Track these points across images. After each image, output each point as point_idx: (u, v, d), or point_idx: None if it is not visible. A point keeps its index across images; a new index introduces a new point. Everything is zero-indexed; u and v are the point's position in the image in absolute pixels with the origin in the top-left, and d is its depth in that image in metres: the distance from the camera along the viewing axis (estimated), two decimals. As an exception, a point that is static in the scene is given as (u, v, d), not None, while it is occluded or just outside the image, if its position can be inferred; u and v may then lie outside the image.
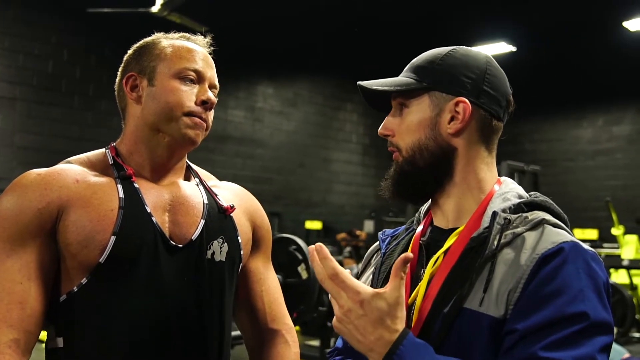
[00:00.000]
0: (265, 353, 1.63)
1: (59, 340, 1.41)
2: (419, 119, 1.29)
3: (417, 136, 1.28)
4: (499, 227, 1.19)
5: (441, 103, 1.28)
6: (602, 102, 13.31)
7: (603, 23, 10.55)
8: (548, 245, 1.14)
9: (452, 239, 1.26)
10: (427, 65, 1.31)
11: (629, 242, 9.38)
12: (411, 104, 1.30)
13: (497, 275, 1.15)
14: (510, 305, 1.11)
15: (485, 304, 1.14)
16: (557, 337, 1.05)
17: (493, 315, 1.12)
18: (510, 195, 1.28)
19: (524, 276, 1.12)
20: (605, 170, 13.24)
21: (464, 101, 1.27)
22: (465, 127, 1.27)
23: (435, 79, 1.29)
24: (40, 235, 1.37)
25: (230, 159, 11.74)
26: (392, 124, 1.33)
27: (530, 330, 1.07)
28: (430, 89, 1.29)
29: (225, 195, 1.63)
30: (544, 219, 1.20)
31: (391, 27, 11.04)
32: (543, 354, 1.04)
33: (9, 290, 1.33)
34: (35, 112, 9.18)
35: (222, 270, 1.53)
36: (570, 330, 1.06)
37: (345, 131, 14.04)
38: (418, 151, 1.28)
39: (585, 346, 1.05)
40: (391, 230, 1.49)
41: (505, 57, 11.25)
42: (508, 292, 1.12)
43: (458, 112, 1.27)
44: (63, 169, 1.45)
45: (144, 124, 1.50)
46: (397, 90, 1.30)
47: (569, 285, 1.09)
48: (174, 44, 1.53)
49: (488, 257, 1.17)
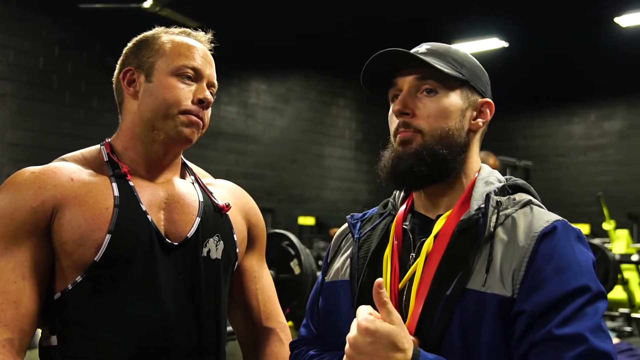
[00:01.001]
0: (259, 351, 1.63)
1: (53, 339, 1.40)
2: (455, 106, 1.29)
3: (449, 123, 1.28)
4: (493, 208, 1.22)
5: (471, 98, 1.32)
6: (594, 98, 13.34)
7: (595, 19, 10.56)
8: (543, 223, 1.19)
9: (441, 224, 1.27)
10: (457, 58, 1.33)
11: (620, 236, 9.41)
12: (444, 90, 1.29)
13: (497, 255, 1.18)
14: (516, 285, 1.14)
15: (488, 283, 1.16)
16: (566, 313, 1.10)
17: (500, 294, 1.15)
18: (492, 179, 1.32)
19: (527, 254, 1.16)
20: (597, 165, 13.27)
21: (491, 103, 1.34)
22: (484, 126, 1.34)
23: (470, 74, 1.32)
24: (35, 233, 1.37)
25: (223, 155, 11.71)
26: (413, 103, 1.29)
27: (539, 310, 1.11)
28: (466, 82, 1.31)
29: (220, 193, 1.62)
30: (530, 200, 1.26)
31: (384, 24, 11.03)
32: (558, 331, 1.08)
33: (3, 290, 1.33)
34: (26, 109, 9.13)
35: (217, 268, 1.52)
36: (577, 304, 1.10)
37: (338, 127, 14.02)
38: (445, 137, 1.28)
39: (593, 315, 1.10)
40: (359, 214, 1.47)
41: (497, 53, 11.25)
42: (513, 271, 1.16)
43: (484, 112, 1.33)
44: (57, 167, 1.44)
45: (140, 120, 1.48)
46: (444, 72, 1.28)
47: (569, 261, 1.15)
48: (174, 40, 1.51)
49: (487, 238, 1.20)
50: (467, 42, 10.80)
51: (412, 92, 1.30)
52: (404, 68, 1.31)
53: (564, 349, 1.07)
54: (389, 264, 1.30)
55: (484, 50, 11.07)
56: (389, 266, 1.30)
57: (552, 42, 11.89)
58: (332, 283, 1.41)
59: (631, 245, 9.28)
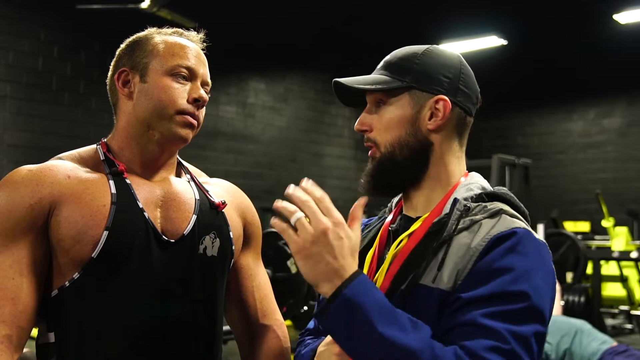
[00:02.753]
0: (256, 348, 1.63)
1: (51, 336, 1.41)
2: (399, 115, 1.34)
3: (398, 133, 1.34)
4: (458, 213, 1.26)
5: (421, 101, 1.34)
6: (593, 95, 13.33)
7: (593, 16, 10.57)
8: (501, 229, 1.21)
9: (417, 224, 1.32)
10: (405, 64, 1.36)
11: (619, 234, 9.43)
12: (390, 102, 1.35)
13: (451, 256, 1.22)
14: (458, 280, 1.18)
15: (437, 280, 1.21)
16: (498, 309, 1.12)
17: (442, 288, 1.19)
18: (474, 186, 1.35)
19: (474, 255, 1.19)
20: (596, 163, 13.27)
21: (444, 99, 1.33)
22: (444, 123, 1.34)
23: (415, 77, 1.34)
24: (32, 231, 1.37)
25: (221, 154, 11.71)
26: (369, 119, 1.37)
27: (473, 299, 1.14)
28: (410, 88, 1.34)
29: (216, 191, 1.63)
30: (501, 209, 1.27)
31: (382, 22, 11.03)
32: (482, 320, 1.11)
33: (0, 286, 1.34)
34: (26, 110, 9.13)
35: (214, 265, 1.53)
36: (510, 307, 1.12)
37: (337, 126, 14.02)
38: (398, 147, 1.33)
39: (522, 325, 1.11)
40: (365, 220, 1.55)
41: (496, 50, 11.25)
42: (458, 269, 1.20)
43: (438, 110, 1.34)
44: (55, 164, 1.45)
45: (136, 120, 1.49)
46: (379, 89, 1.34)
47: (516, 266, 1.16)
48: (167, 40, 1.53)
49: (445, 240, 1.24)
50: (466, 40, 10.79)
51: (370, 108, 1.38)
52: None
53: (482, 336, 1.09)
54: (369, 262, 1.38)
55: (483, 48, 11.06)
56: (369, 264, 1.37)
57: (551, 40, 11.90)
58: None
59: (630, 243, 9.29)
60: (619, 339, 7.48)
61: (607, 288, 8.29)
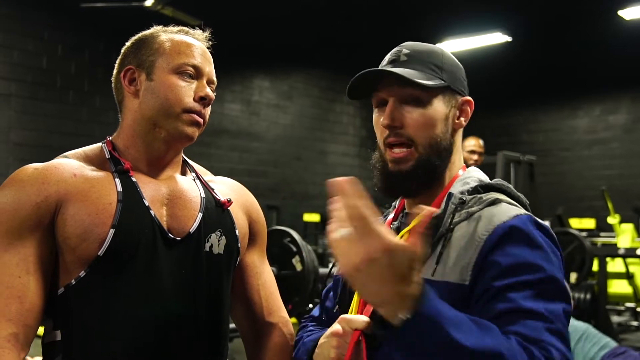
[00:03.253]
0: (262, 346, 1.63)
1: (57, 334, 1.41)
2: (439, 114, 1.34)
3: (435, 131, 1.33)
4: (453, 206, 1.27)
5: (452, 100, 1.36)
6: (598, 92, 13.29)
7: (598, 12, 10.53)
8: (503, 217, 1.22)
9: (417, 220, 1.29)
10: (436, 62, 1.36)
11: (625, 230, 9.39)
12: (429, 99, 1.33)
13: (454, 248, 1.22)
14: (468, 271, 1.19)
15: (438, 273, 1.21)
16: (534, 292, 1.13)
17: (451, 280, 1.19)
18: (470, 179, 1.36)
19: (480, 244, 1.19)
20: (602, 159, 13.24)
21: (471, 101, 1.38)
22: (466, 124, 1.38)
23: (448, 76, 1.36)
24: (39, 229, 1.38)
25: (226, 152, 11.72)
26: (401, 115, 1.33)
27: (508, 288, 1.14)
28: (447, 87, 1.35)
29: (221, 189, 1.64)
30: (497, 198, 1.28)
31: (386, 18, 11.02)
32: (525, 303, 1.12)
33: (7, 285, 1.34)
34: (31, 108, 9.15)
35: (220, 263, 1.53)
36: (543, 289, 1.14)
37: (342, 123, 14.01)
38: (435, 145, 1.33)
39: (555, 303, 1.14)
40: None
41: (500, 47, 11.23)
42: (464, 260, 1.20)
43: (465, 110, 1.38)
44: (60, 163, 1.46)
45: (142, 118, 1.50)
46: (430, 85, 1.31)
47: (537, 254, 1.17)
48: (173, 39, 1.53)
49: (442, 234, 1.25)
50: (470, 37, 10.77)
51: (397, 104, 1.34)
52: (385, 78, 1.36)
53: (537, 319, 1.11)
54: None
55: (487, 45, 11.04)
56: None
57: (556, 36, 11.86)
58: (335, 278, 1.53)
59: (636, 239, 9.25)
60: (625, 336, 7.47)
61: (613, 285, 8.27)
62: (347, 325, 1.25)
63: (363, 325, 1.23)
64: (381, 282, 0.98)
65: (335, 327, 1.26)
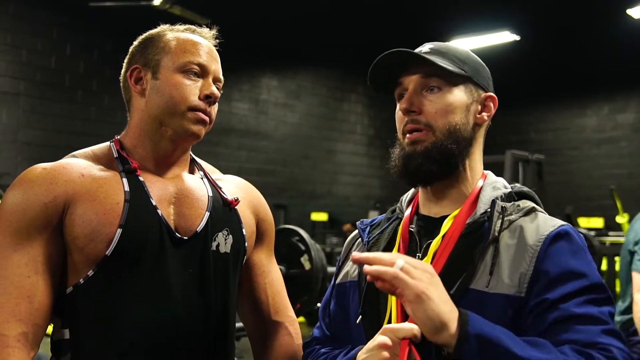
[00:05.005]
0: (268, 345, 1.64)
1: (65, 332, 1.42)
2: (459, 102, 1.34)
3: (455, 118, 1.33)
4: (498, 214, 1.28)
5: (474, 94, 1.37)
6: (607, 91, 13.26)
7: (607, 10, 10.49)
8: (550, 228, 1.26)
9: (448, 224, 1.32)
10: (459, 56, 1.37)
11: (634, 230, 9.35)
12: (448, 87, 1.34)
13: (504, 259, 1.23)
14: (524, 283, 1.20)
15: (492, 284, 1.21)
16: (585, 298, 1.17)
17: (506, 293, 1.20)
18: (499, 184, 1.37)
19: (535, 256, 1.22)
20: (610, 158, 13.20)
21: (495, 97, 1.39)
22: (487, 121, 1.39)
23: (472, 70, 1.37)
24: (47, 229, 1.38)
25: (234, 151, 11.74)
26: (419, 101, 1.34)
27: (560, 298, 1.17)
28: (469, 78, 1.36)
29: (229, 188, 1.64)
30: (534, 207, 1.31)
31: (394, 18, 11.01)
32: (577, 309, 1.15)
33: (17, 284, 1.34)
34: (39, 108, 9.20)
35: (226, 262, 1.54)
36: (593, 296, 1.19)
37: (350, 122, 14.02)
38: (454, 132, 1.33)
39: (603, 306, 1.18)
40: (369, 220, 1.54)
41: (508, 46, 11.20)
42: (520, 272, 1.21)
43: (488, 106, 1.38)
44: (68, 163, 1.46)
45: (148, 117, 1.50)
46: (449, 70, 1.33)
47: (583, 261, 1.23)
48: (179, 37, 1.53)
49: (491, 242, 1.25)
50: (478, 36, 10.74)
51: (418, 90, 1.35)
52: (408, 68, 1.36)
53: (586, 324, 1.15)
54: None
55: (496, 44, 11.01)
56: None
57: (564, 35, 11.82)
58: (342, 284, 1.48)
59: (645, 238, 9.19)
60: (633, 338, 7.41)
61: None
62: (393, 335, 1.17)
63: (412, 333, 1.16)
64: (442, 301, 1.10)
65: (381, 339, 1.18)
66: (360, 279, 1.40)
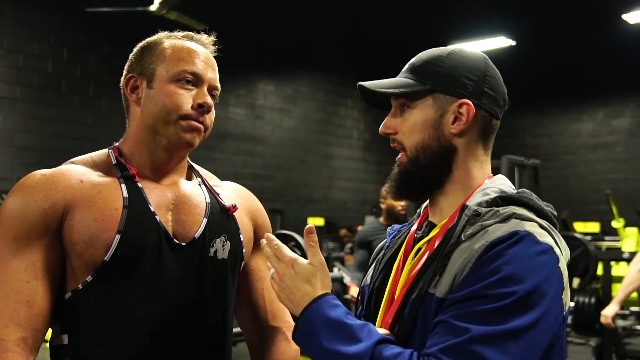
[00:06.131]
0: (266, 350, 1.64)
1: (64, 337, 1.43)
2: (422, 119, 1.33)
3: (421, 136, 1.33)
4: (466, 218, 1.25)
5: (444, 104, 1.32)
6: (603, 95, 13.29)
7: (603, 16, 10.53)
8: (501, 233, 1.18)
9: (436, 231, 1.32)
10: (429, 67, 1.35)
11: (630, 234, 9.37)
12: (414, 105, 1.34)
13: (452, 262, 1.21)
14: (454, 286, 1.18)
15: (437, 286, 1.21)
16: (471, 310, 1.11)
17: (439, 295, 1.19)
18: (491, 190, 1.31)
19: (472, 259, 1.17)
20: (606, 163, 13.23)
21: (468, 103, 1.31)
22: (468, 127, 1.32)
23: (438, 81, 1.33)
24: (46, 235, 1.39)
25: (230, 156, 11.75)
26: (393, 122, 1.37)
27: (453, 301, 1.15)
28: (433, 91, 1.33)
29: (227, 194, 1.64)
30: (514, 213, 1.23)
31: (390, 23, 11.03)
32: (451, 320, 1.12)
33: (16, 290, 1.35)
34: (36, 112, 9.19)
35: (224, 268, 1.54)
36: (485, 307, 1.10)
37: (346, 127, 14.03)
38: (422, 151, 1.32)
39: (495, 325, 1.09)
40: (399, 226, 1.55)
41: (504, 51, 11.23)
42: (455, 274, 1.18)
43: (462, 114, 1.32)
44: (67, 169, 1.47)
45: (143, 126, 1.51)
46: (401, 92, 1.33)
47: (503, 268, 1.13)
48: (175, 45, 1.53)
49: (452, 246, 1.23)
50: (475, 41, 10.78)
51: (395, 111, 1.38)
52: None
53: (447, 334, 1.11)
54: (395, 269, 1.38)
55: (492, 49, 11.04)
56: (395, 271, 1.37)
57: (560, 40, 11.87)
58: (362, 287, 1.50)
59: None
60: (630, 340, 7.44)
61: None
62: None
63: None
64: (293, 290, 1.26)
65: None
66: (370, 283, 1.44)
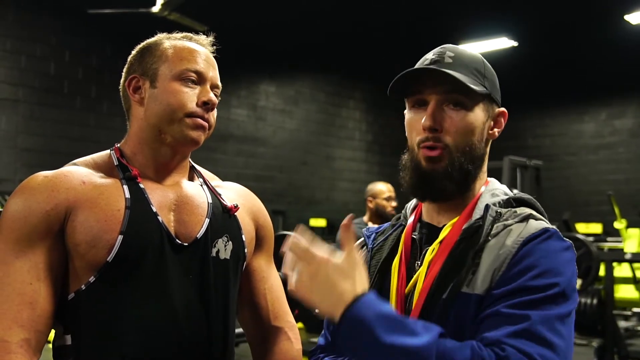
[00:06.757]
0: (268, 350, 1.65)
1: (67, 338, 1.43)
2: (478, 122, 1.32)
3: (472, 138, 1.32)
4: (491, 219, 1.27)
5: (489, 110, 1.35)
6: (605, 96, 13.27)
7: (604, 16, 10.52)
8: (532, 230, 1.23)
9: (446, 231, 1.32)
10: (479, 69, 1.34)
11: (632, 235, 9.35)
12: (471, 105, 1.31)
13: (485, 260, 1.22)
14: (493, 283, 1.19)
15: (472, 284, 1.21)
16: (520, 300, 1.14)
17: (478, 293, 1.20)
18: (498, 192, 1.36)
19: (509, 256, 1.20)
20: (608, 164, 13.21)
21: (505, 113, 1.37)
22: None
23: (490, 85, 1.34)
24: (49, 236, 1.40)
25: (232, 157, 11.74)
26: (441, 118, 1.30)
27: (500, 295, 1.16)
28: (486, 96, 1.33)
29: (228, 195, 1.65)
30: (531, 214, 1.29)
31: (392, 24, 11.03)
32: (504, 310, 1.13)
33: (19, 291, 1.36)
34: (38, 114, 9.19)
35: (226, 268, 1.55)
36: (533, 297, 1.14)
37: (348, 128, 14.02)
38: (469, 152, 1.31)
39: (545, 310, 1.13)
40: (375, 227, 1.55)
41: (506, 52, 11.22)
42: (493, 270, 1.20)
43: (499, 122, 1.37)
44: (70, 171, 1.47)
45: (147, 125, 1.52)
46: (474, 89, 1.29)
47: (542, 262, 1.18)
48: (176, 45, 1.55)
49: (481, 245, 1.24)
50: (477, 42, 10.77)
51: (439, 105, 1.30)
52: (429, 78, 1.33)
53: (505, 324, 1.12)
54: (396, 271, 1.37)
55: (494, 50, 11.04)
56: (397, 273, 1.36)
57: (562, 41, 11.85)
58: None
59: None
60: (632, 341, 7.43)
61: (620, 290, 8.24)
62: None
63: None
64: (330, 286, 1.13)
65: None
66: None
